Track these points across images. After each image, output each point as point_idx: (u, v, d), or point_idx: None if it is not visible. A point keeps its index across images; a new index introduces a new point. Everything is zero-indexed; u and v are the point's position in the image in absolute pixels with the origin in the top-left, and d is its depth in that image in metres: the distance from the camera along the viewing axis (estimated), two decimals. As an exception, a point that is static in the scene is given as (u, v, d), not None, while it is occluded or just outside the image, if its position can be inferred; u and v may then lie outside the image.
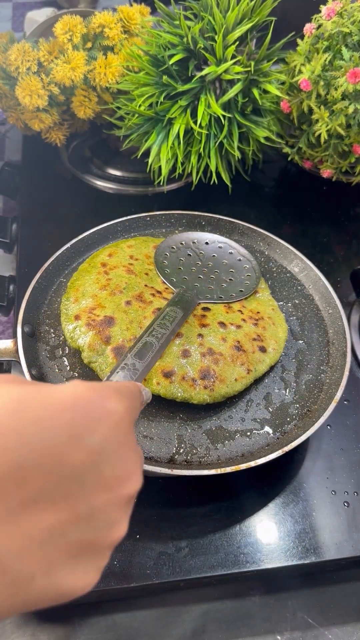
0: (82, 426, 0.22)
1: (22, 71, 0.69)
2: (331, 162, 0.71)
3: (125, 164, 0.83)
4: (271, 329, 0.54)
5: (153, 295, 0.54)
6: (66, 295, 0.54)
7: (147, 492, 0.49)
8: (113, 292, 0.53)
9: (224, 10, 0.65)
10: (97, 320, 0.50)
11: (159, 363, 0.48)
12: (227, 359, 0.49)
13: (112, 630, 0.45)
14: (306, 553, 0.46)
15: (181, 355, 0.49)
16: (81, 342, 0.49)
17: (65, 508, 0.21)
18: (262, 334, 0.53)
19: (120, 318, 0.50)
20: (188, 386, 0.47)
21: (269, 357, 0.52)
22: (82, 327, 0.50)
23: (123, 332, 0.49)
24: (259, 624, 0.46)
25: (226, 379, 0.48)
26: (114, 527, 0.24)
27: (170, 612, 0.46)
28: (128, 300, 0.52)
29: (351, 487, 0.50)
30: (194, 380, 0.48)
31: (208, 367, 0.48)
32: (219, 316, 0.53)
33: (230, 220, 0.66)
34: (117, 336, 0.49)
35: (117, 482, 0.24)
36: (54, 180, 0.82)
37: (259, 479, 0.50)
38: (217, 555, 0.46)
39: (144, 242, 0.61)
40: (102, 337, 0.49)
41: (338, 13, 0.63)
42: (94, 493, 0.23)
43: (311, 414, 0.50)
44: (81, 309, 0.52)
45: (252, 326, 0.53)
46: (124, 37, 0.73)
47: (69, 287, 0.55)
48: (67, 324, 0.51)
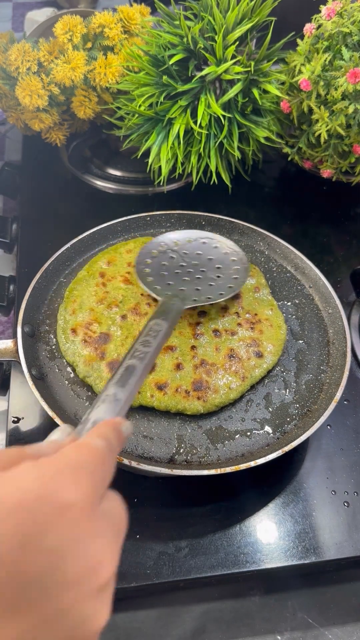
0: (33, 528, 0.21)
1: (22, 71, 0.69)
2: (331, 162, 0.71)
3: (125, 164, 0.83)
4: (269, 332, 0.54)
5: (149, 305, 0.54)
6: (64, 306, 0.55)
7: (147, 492, 0.49)
8: (110, 306, 0.54)
9: (224, 10, 0.65)
10: (93, 337, 0.51)
11: (152, 376, 0.49)
12: (220, 369, 0.50)
13: (112, 630, 0.45)
14: (306, 553, 0.46)
15: (174, 368, 0.50)
16: (76, 358, 0.51)
17: (32, 615, 0.20)
18: (258, 338, 0.53)
19: (115, 335, 0.52)
20: (181, 398, 0.48)
21: (265, 362, 0.52)
22: (78, 343, 0.51)
23: (118, 348, 0.51)
24: (259, 624, 0.46)
25: (219, 388, 0.49)
26: (89, 620, 0.22)
27: (170, 612, 0.46)
28: (123, 314, 0.53)
29: (351, 487, 0.50)
30: (187, 392, 0.48)
31: (201, 379, 0.49)
32: (214, 322, 0.53)
33: (230, 220, 0.66)
34: (112, 352, 0.51)
35: (84, 576, 0.22)
36: (54, 180, 0.82)
37: (259, 479, 0.50)
38: (217, 555, 0.46)
39: (142, 244, 0.61)
40: (97, 354, 0.50)
41: (338, 13, 0.63)
42: (59, 594, 0.21)
43: (311, 414, 0.50)
44: (78, 323, 0.53)
45: (248, 331, 0.53)
46: (124, 37, 0.73)
47: (66, 296, 0.56)
48: (63, 337, 0.52)
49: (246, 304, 0.56)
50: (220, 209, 0.69)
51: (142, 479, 0.49)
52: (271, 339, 0.53)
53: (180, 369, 0.50)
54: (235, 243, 0.61)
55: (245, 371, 0.50)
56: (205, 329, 0.53)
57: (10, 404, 0.55)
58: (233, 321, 0.54)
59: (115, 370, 0.37)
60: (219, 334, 0.53)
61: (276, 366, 0.54)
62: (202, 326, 0.53)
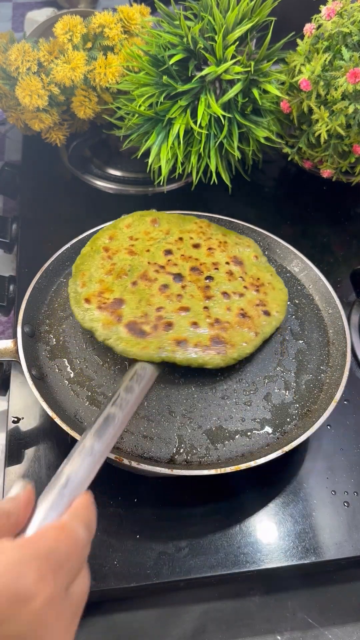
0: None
1: (22, 71, 0.69)
2: (331, 162, 0.71)
3: (125, 164, 0.83)
4: (272, 294, 0.56)
5: (157, 272, 0.55)
6: (73, 279, 0.55)
7: (147, 492, 0.49)
8: (119, 276, 0.54)
9: (224, 10, 0.65)
10: (108, 303, 0.52)
11: (171, 334, 0.49)
12: (234, 326, 0.51)
13: (112, 630, 0.45)
14: (306, 553, 0.46)
15: (191, 325, 0.50)
16: (94, 323, 0.51)
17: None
18: (264, 299, 0.55)
19: (129, 298, 0.52)
20: (201, 352, 0.49)
21: (274, 319, 0.54)
22: (93, 310, 0.51)
23: (133, 311, 0.51)
24: (259, 624, 0.46)
25: (236, 343, 0.50)
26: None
27: (170, 612, 0.46)
28: (134, 281, 0.54)
29: (351, 487, 0.50)
30: (206, 347, 0.49)
31: (217, 335, 0.50)
32: (222, 286, 0.55)
33: (230, 220, 0.66)
34: (129, 314, 0.51)
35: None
36: (54, 180, 0.82)
37: (259, 479, 0.50)
38: (217, 555, 0.46)
39: (141, 218, 0.62)
40: (114, 317, 0.50)
41: (338, 13, 0.63)
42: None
43: (311, 414, 0.50)
44: (90, 293, 0.53)
45: (254, 292, 0.55)
46: (124, 37, 0.73)
47: (74, 270, 0.56)
48: (77, 307, 0.52)
49: (248, 269, 0.58)
50: (220, 209, 0.69)
51: (142, 479, 0.49)
52: (276, 300, 0.56)
53: (196, 327, 0.50)
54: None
55: (257, 328, 0.52)
56: (214, 292, 0.54)
57: (10, 404, 0.55)
58: (239, 284, 0.56)
59: (96, 418, 0.37)
60: (227, 295, 0.54)
61: (276, 366, 0.54)
62: (211, 289, 0.54)
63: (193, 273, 0.55)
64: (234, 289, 0.55)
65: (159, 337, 0.49)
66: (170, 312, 0.51)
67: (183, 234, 0.60)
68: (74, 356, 0.53)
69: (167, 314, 0.51)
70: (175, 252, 0.58)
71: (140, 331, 0.49)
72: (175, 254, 0.57)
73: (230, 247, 0.60)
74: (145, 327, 0.49)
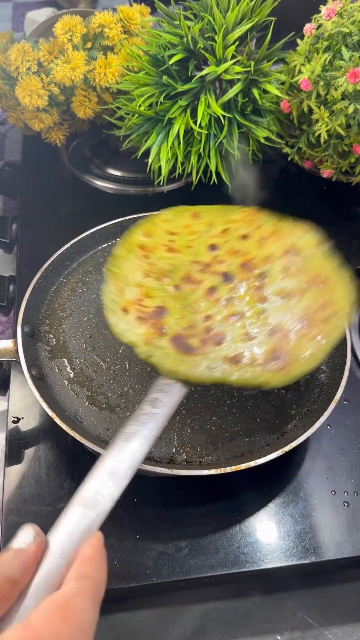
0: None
1: (22, 71, 0.69)
2: (331, 162, 0.71)
3: (125, 164, 0.83)
4: (338, 290, 0.47)
5: (202, 272, 0.47)
6: (107, 287, 0.48)
7: (147, 492, 0.49)
8: (159, 278, 0.47)
9: (224, 10, 0.65)
10: (148, 312, 0.45)
11: (223, 349, 0.42)
12: (297, 334, 0.43)
13: (112, 630, 0.45)
14: (306, 553, 0.46)
15: (245, 337, 0.43)
16: (134, 338, 0.44)
17: None
18: (329, 298, 0.46)
19: (172, 306, 0.45)
20: (260, 369, 0.42)
21: (343, 321, 0.45)
22: (132, 321, 0.44)
23: (178, 321, 0.44)
24: (258, 624, 0.46)
25: (300, 356, 0.42)
26: None
27: (170, 612, 0.46)
28: (176, 284, 0.47)
29: (351, 487, 0.50)
30: (265, 362, 0.42)
31: (277, 346, 0.42)
32: (279, 283, 0.46)
33: (230, 220, 0.66)
34: (173, 326, 0.44)
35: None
36: (54, 180, 0.82)
37: (259, 479, 0.50)
38: (217, 555, 0.46)
39: (179, 213, 0.55)
40: (156, 329, 0.44)
41: (338, 13, 0.63)
42: None
43: (311, 414, 0.50)
44: (128, 301, 0.46)
45: (317, 290, 0.46)
46: (124, 37, 0.73)
47: (108, 275, 0.49)
48: (114, 318, 0.45)
49: (309, 261, 0.49)
50: (220, 209, 0.68)
51: (142, 479, 0.49)
52: (343, 298, 0.47)
53: (252, 338, 0.43)
54: None
55: (324, 333, 0.44)
56: (269, 292, 0.46)
57: (10, 404, 0.55)
58: (299, 281, 0.47)
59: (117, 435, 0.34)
60: (286, 296, 0.45)
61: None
62: (266, 289, 0.46)
63: (244, 270, 0.47)
64: (293, 287, 0.46)
65: (209, 353, 0.42)
66: (220, 321, 0.44)
67: (228, 224, 0.52)
68: (74, 356, 0.53)
69: (216, 324, 0.43)
70: (222, 246, 0.49)
71: (187, 346, 0.42)
72: (221, 248, 0.49)
73: (286, 235, 0.51)
74: (193, 342, 0.43)
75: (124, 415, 0.49)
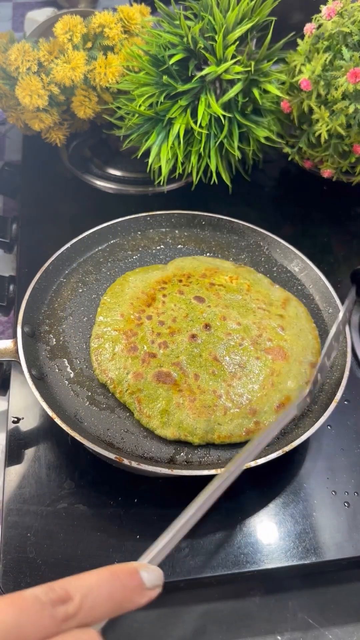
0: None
1: (22, 71, 0.69)
2: (331, 162, 0.71)
3: (125, 164, 0.83)
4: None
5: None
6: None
7: (147, 492, 0.49)
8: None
9: (224, 10, 0.65)
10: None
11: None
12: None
13: (112, 630, 0.45)
14: (306, 553, 0.46)
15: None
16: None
17: None
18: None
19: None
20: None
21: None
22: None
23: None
24: (259, 624, 0.46)
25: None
26: None
27: (170, 613, 0.46)
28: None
29: (351, 487, 0.50)
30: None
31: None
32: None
33: (230, 220, 0.66)
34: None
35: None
36: (54, 180, 0.82)
37: (259, 479, 0.50)
38: (217, 555, 0.46)
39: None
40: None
41: (338, 13, 0.63)
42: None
43: (311, 414, 0.50)
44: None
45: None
46: (124, 37, 0.73)
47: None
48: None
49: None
50: (220, 209, 0.68)
51: (142, 479, 0.49)
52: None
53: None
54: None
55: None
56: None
57: (10, 404, 0.55)
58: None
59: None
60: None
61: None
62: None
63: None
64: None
65: None
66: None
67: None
68: (74, 356, 0.53)
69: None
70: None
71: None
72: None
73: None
74: None
75: (124, 415, 0.49)
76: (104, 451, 0.44)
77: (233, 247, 0.65)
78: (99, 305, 0.56)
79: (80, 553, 0.45)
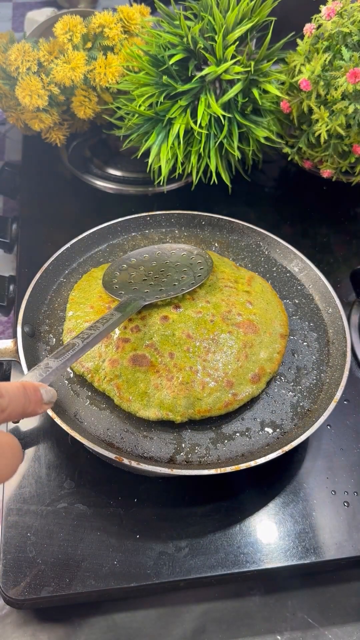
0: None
1: (22, 71, 0.69)
2: (331, 162, 0.71)
3: (125, 164, 0.83)
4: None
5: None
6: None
7: (147, 492, 0.49)
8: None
9: (224, 10, 0.65)
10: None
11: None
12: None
13: (112, 630, 0.45)
14: (306, 553, 0.46)
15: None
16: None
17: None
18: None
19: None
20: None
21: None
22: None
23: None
24: (259, 623, 0.46)
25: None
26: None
27: (170, 612, 0.46)
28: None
29: (351, 487, 0.50)
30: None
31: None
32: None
33: (230, 220, 0.66)
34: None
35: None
36: (54, 180, 0.82)
37: (259, 479, 0.50)
38: (217, 555, 0.46)
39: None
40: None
41: (338, 13, 0.63)
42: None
43: (311, 414, 0.50)
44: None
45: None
46: (124, 37, 0.73)
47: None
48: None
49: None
50: (220, 209, 0.69)
51: (142, 479, 0.49)
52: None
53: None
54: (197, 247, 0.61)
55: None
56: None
57: (10, 404, 0.55)
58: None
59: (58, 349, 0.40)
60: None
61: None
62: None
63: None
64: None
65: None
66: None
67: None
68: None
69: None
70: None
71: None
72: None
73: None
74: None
75: (123, 415, 0.49)
76: (104, 451, 0.44)
77: (232, 247, 0.65)
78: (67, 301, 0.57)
79: (80, 553, 0.45)
